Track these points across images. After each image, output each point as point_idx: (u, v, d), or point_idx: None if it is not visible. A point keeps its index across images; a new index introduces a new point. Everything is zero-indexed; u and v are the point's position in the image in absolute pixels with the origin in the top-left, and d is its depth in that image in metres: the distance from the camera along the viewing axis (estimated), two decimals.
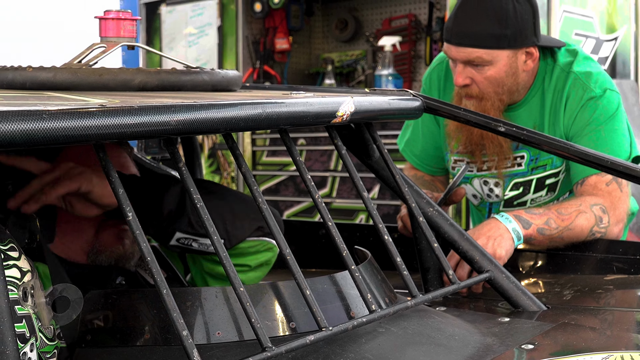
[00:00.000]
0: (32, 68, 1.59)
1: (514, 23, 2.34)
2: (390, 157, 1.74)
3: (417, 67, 5.34)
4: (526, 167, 2.51)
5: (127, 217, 1.20)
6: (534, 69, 2.45)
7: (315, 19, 5.80)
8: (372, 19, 5.58)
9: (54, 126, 1.04)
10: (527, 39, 2.38)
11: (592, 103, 2.38)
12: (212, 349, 1.33)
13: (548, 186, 2.51)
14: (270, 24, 5.48)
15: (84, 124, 1.08)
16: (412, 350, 1.45)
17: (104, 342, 1.37)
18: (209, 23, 5.51)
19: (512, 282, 1.78)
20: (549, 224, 2.18)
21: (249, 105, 1.34)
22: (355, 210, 4.89)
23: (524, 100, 2.50)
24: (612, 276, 2.13)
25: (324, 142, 4.94)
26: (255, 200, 1.39)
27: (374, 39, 5.45)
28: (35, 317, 1.22)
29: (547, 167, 2.49)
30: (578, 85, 2.41)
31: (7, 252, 1.20)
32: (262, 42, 5.50)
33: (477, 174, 2.58)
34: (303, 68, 5.78)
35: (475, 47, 2.35)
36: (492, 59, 2.36)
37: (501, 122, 1.86)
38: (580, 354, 1.42)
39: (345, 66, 5.63)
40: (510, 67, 2.38)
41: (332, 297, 1.47)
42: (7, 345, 1.03)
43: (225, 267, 1.27)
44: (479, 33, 2.35)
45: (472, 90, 2.41)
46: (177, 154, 1.33)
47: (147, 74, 1.58)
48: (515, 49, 2.37)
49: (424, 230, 1.70)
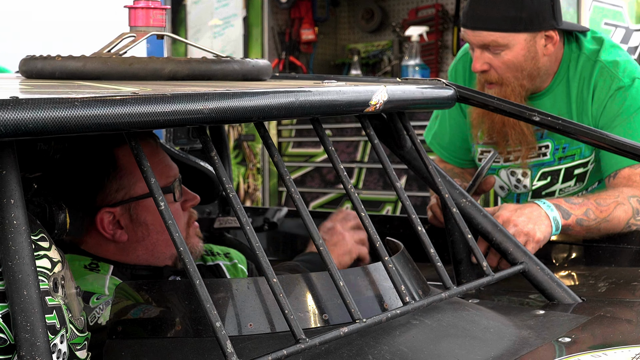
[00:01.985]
0: (61, 57, 1.58)
1: (530, 5, 2.31)
2: (422, 147, 1.72)
3: (444, 58, 5.30)
4: (552, 157, 2.47)
5: (160, 206, 1.18)
6: (556, 54, 2.41)
7: (341, 10, 5.77)
8: (399, 9, 5.55)
9: (86, 114, 1.03)
10: (545, 21, 2.34)
11: (621, 93, 2.35)
12: (243, 340, 1.31)
13: (577, 176, 2.47)
14: (296, 15, 5.46)
15: (116, 111, 1.06)
16: (447, 342, 1.43)
17: (135, 334, 1.35)
18: (234, 14, 5.50)
19: (546, 274, 1.76)
20: (588, 214, 2.15)
21: (281, 93, 1.32)
22: (382, 201, 4.86)
23: (549, 88, 2.46)
24: None
25: (350, 133, 4.92)
26: (287, 189, 1.38)
27: (401, 29, 5.42)
28: (65, 308, 1.21)
29: (575, 157, 2.46)
30: (606, 74, 2.37)
31: (38, 242, 1.19)
32: (288, 32, 5.48)
33: (504, 164, 2.55)
34: (329, 59, 5.75)
35: (491, 31, 2.32)
36: (508, 42, 2.32)
37: (536, 111, 1.84)
38: (619, 346, 1.39)
39: (372, 57, 5.59)
40: (529, 51, 2.34)
41: (365, 289, 1.45)
42: (37, 337, 1.02)
43: (257, 257, 1.25)
44: (493, 16, 2.32)
45: (491, 76, 2.38)
46: (209, 143, 1.31)
47: (178, 63, 1.56)
48: (532, 32, 2.33)
49: (457, 222, 1.68)
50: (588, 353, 1.36)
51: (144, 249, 1.67)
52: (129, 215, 1.65)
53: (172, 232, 1.17)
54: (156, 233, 1.67)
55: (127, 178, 1.65)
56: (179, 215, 1.70)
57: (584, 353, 1.36)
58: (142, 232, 1.66)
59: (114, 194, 1.65)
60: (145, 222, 1.66)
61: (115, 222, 1.65)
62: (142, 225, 1.66)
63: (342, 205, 4.98)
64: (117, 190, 1.65)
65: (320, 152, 5.07)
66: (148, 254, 1.68)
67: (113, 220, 1.65)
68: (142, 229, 1.66)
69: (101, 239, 1.66)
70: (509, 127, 2.42)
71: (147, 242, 1.67)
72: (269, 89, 1.33)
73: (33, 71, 1.61)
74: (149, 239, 1.67)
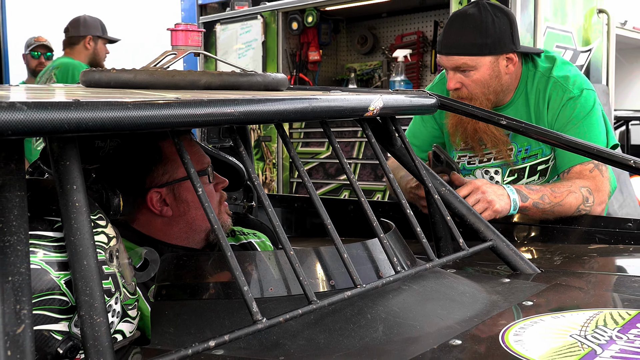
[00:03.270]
0: (115, 70, 1.55)
1: (493, 33, 2.30)
2: (411, 146, 1.69)
3: (424, 75, 5.28)
4: (515, 158, 2.44)
5: (198, 191, 1.15)
6: (516, 72, 2.39)
7: (341, 36, 5.74)
8: (387, 35, 5.52)
9: (138, 114, 1.00)
10: (506, 46, 2.33)
11: (571, 102, 2.32)
12: (265, 302, 1.28)
13: (540, 172, 2.44)
14: (305, 40, 5.44)
15: (162, 112, 1.03)
16: (431, 304, 1.41)
17: (176, 296, 1.33)
18: (255, 39, 5.48)
19: (511, 249, 1.73)
20: (544, 199, 2.13)
21: (297, 100, 1.29)
22: (373, 190, 4.83)
23: (511, 101, 2.43)
24: (595, 245, 2.07)
25: (348, 136, 4.90)
26: (302, 178, 1.35)
27: (389, 51, 5.40)
28: (119, 275, 1.19)
29: (538, 156, 2.42)
30: (558, 87, 2.35)
31: (97, 221, 1.17)
32: (298, 54, 5.46)
33: (479, 165, 2.52)
34: (331, 75, 5.73)
35: (461, 55, 2.32)
36: (476, 64, 2.31)
37: (503, 116, 1.81)
38: (574, 310, 1.36)
39: (365, 74, 5.57)
40: (494, 70, 2.33)
41: (364, 260, 1.42)
42: (95, 299, 1.00)
43: (277, 233, 1.22)
44: (463, 43, 2.31)
45: (462, 93, 2.36)
46: (239, 140, 1.29)
47: (212, 75, 1.53)
48: (496, 55, 2.32)
49: (439, 206, 1.65)
50: (548, 314, 1.33)
51: (184, 222, 1.65)
52: (173, 194, 1.64)
53: (209, 213, 1.15)
54: (195, 209, 1.64)
55: (171, 164, 1.63)
56: (212, 195, 1.69)
57: (545, 314, 1.33)
58: (183, 208, 1.64)
59: (160, 177, 1.63)
60: (186, 199, 1.64)
61: (162, 200, 1.63)
62: (183, 202, 1.64)
63: (340, 194, 4.96)
64: (163, 174, 1.63)
65: (324, 150, 5.06)
66: (187, 226, 1.65)
67: (160, 199, 1.63)
68: (184, 205, 1.64)
69: (150, 215, 1.64)
70: (481, 133, 2.39)
71: (187, 217, 1.65)
72: (287, 96, 1.30)
73: (91, 81, 1.58)
74: (189, 214, 1.65)
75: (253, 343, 1.21)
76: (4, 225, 0.94)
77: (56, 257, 1.08)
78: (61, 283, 1.08)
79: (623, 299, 1.44)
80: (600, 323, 1.26)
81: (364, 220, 1.43)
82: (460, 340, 1.21)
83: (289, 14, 5.33)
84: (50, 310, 1.07)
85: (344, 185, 4.96)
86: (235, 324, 1.23)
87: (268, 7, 5.42)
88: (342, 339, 1.23)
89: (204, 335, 1.25)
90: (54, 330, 1.08)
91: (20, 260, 0.94)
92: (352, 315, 1.29)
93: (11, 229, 0.94)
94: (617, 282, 1.63)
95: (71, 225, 1.02)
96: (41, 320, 1.06)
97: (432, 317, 1.34)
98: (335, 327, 1.26)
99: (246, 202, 2.29)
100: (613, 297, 1.51)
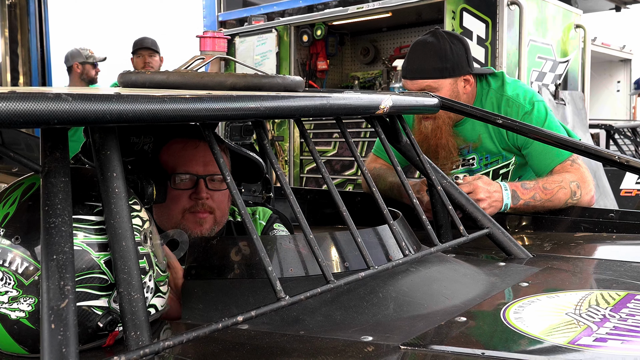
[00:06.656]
0: (150, 72, 1.51)
1: (452, 58, 2.29)
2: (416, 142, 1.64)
3: None
4: (478, 165, 2.41)
5: (227, 180, 1.11)
6: (472, 92, 2.37)
7: (346, 48, 5.70)
8: (387, 47, 5.48)
9: (173, 107, 0.95)
10: (463, 69, 2.31)
11: (527, 117, 2.28)
12: (286, 281, 1.23)
13: (501, 175, 2.40)
14: (314, 51, 5.41)
15: (196, 106, 0.99)
16: (436, 284, 1.36)
17: (205, 276, 1.28)
18: (270, 50, 5.44)
19: (506, 236, 1.68)
20: (535, 197, 2.08)
21: (316, 97, 1.25)
22: None
23: (468, 118, 2.38)
24: (581, 234, 2.01)
25: (354, 135, 4.85)
26: (319, 169, 1.30)
27: (388, 62, 5.36)
28: (152, 254, 1.14)
29: (499, 161, 2.39)
30: (512, 104, 2.31)
31: (132, 205, 1.13)
32: (308, 63, 5.42)
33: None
34: (337, 83, 5.69)
35: (424, 79, 2.30)
36: (438, 86, 2.29)
37: (499, 116, 1.76)
38: (567, 290, 1.31)
39: (367, 82, 5.53)
40: (453, 91, 2.31)
41: (375, 245, 1.37)
42: (132, 277, 0.96)
43: (298, 219, 1.18)
44: (426, 68, 2.29)
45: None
46: (262, 134, 1.24)
47: (237, 77, 1.48)
48: (454, 77, 2.30)
49: (441, 196, 1.60)
50: (544, 294, 1.28)
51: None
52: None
53: (236, 199, 1.10)
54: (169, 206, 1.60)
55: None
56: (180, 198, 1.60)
57: (541, 294, 1.28)
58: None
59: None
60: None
61: None
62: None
63: (345, 188, 4.91)
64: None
65: (330, 149, 5.02)
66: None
67: None
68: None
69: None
70: (440, 149, 2.36)
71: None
72: (306, 95, 1.25)
73: (128, 82, 1.53)
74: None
75: (275, 319, 1.17)
76: (50, 208, 0.90)
77: (96, 239, 1.04)
78: (101, 263, 1.04)
79: (611, 281, 1.39)
80: (592, 303, 1.21)
81: (371, 211, 1.39)
82: (465, 317, 1.17)
83: (300, 28, 5.29)
84: (91, 288, 1.03)
85: (348, 180, 4.91)
86: (258, 301, 1.19)
87: (281, 22, 5.39)
88: (357, 315, 1.19)
89: (230, 311, 1.20)
90: (94, 305, 1.04)
91: (64, 240, 0.90)
92: (365, 294, 1.24)
93: (56, 212, 0.90)
94: (604, 266, 1.58)
95: (111, 210, 0.97)
96: (83, 297, 1.02)
97: (437, 296, 1.30)
98: (350, 305, 1.21)
99: (265, 193, 2.24)
100: (602, 279, 1.46)
